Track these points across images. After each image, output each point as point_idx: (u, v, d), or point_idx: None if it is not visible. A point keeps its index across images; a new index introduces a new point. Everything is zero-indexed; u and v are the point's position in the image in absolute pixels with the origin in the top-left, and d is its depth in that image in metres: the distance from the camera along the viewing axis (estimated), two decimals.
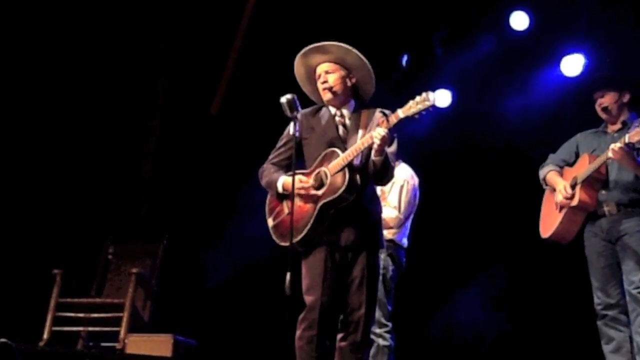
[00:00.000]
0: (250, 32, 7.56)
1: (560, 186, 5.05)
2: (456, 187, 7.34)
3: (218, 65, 7.72)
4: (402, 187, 5.44)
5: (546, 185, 5.24)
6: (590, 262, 5.02)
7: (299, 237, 4.20)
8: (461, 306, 7.16)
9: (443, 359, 7.20)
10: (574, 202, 4.96)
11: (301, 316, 4.24)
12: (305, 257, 4.28)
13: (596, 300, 4.96)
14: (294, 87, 4.43)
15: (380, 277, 5.17)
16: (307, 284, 4.24)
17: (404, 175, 5.53)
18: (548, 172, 5.21)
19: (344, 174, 4.18)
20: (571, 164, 5.18)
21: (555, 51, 6.96)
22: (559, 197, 5.03)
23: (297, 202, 4.24)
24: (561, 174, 5.16)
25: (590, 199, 4.94)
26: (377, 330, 5.24)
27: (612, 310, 4.88)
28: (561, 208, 5.05)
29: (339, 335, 4.29)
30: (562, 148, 5.28)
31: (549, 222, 5.14)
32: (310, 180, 4.26)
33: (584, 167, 4.99)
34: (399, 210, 5.43)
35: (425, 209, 5.72)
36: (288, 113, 4.26)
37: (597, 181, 4.94)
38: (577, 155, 5.17)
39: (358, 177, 4.22)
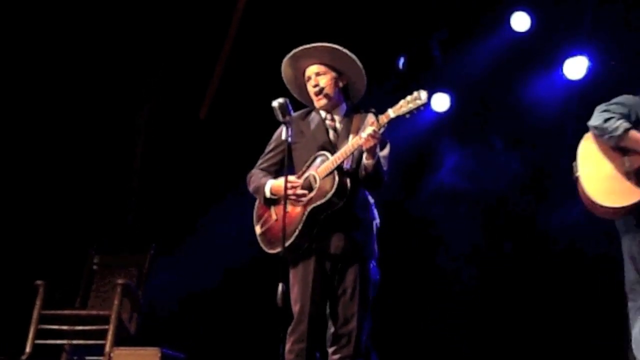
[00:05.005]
0: (240, 35, 7.55)
1: None
2: (454, 189, 7.25)
3: (207, 69, 7.70)
4: None
5: (619, 140, 4.20)
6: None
7: (287, 243, 4.11)
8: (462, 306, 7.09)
9: None
10: None
11: (290, 328, 4.18)
12: (294, 266, 4.23)
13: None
14: (283, 91, 4.38)
15: None
16: (295, 294, 4.19)
17: None
18: (628, 129, 4.19)
19: (333, 178, 4.11)
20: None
21: (558, 53, 6.86)
22: None
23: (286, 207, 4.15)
24: None
25: None
26: None
27: None
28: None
29: (331, 349, 4.19)
30: (617, 106, 4.30)
31: (620, 189, 4.21)
32: (300, 179, 4.20)
33: None
34: None
35: (420, 209, 5.60)
36: (280, 117, 4.18)
37: None
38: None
39: (348, 181, 4.14)
